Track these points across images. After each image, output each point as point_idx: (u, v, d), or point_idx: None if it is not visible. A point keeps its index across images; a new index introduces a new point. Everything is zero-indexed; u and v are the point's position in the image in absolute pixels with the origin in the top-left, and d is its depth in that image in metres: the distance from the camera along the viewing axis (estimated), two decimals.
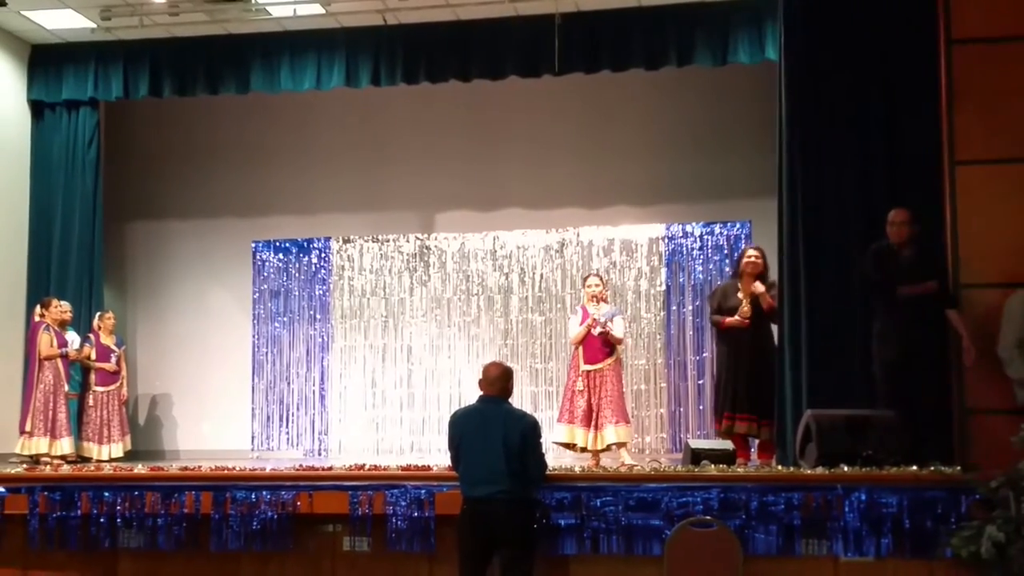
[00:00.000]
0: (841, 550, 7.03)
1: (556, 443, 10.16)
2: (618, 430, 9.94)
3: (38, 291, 12.50)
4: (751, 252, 9.93)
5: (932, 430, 8.01)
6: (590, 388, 10.01)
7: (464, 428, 7.10)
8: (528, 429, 7.01)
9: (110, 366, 12.35)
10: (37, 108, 13.10)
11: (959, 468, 7.31)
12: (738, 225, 13.07)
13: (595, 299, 10.29)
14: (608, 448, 10.01)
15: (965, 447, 7.92)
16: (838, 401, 8.25)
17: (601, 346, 10.08)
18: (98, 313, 12.55)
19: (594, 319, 10.10)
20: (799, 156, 9.11)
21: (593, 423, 9.96)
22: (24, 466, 10.43)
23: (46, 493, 7.94)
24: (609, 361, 10.09)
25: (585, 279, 10.69)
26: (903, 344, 8.03)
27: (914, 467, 7.30)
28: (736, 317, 9.64)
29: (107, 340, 12.41)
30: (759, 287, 9.64)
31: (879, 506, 7.01)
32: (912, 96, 8.89)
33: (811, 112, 9.14)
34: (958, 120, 8.41)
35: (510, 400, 7.25)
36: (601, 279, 10.76)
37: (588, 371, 10.04)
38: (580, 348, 10.16)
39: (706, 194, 13.04)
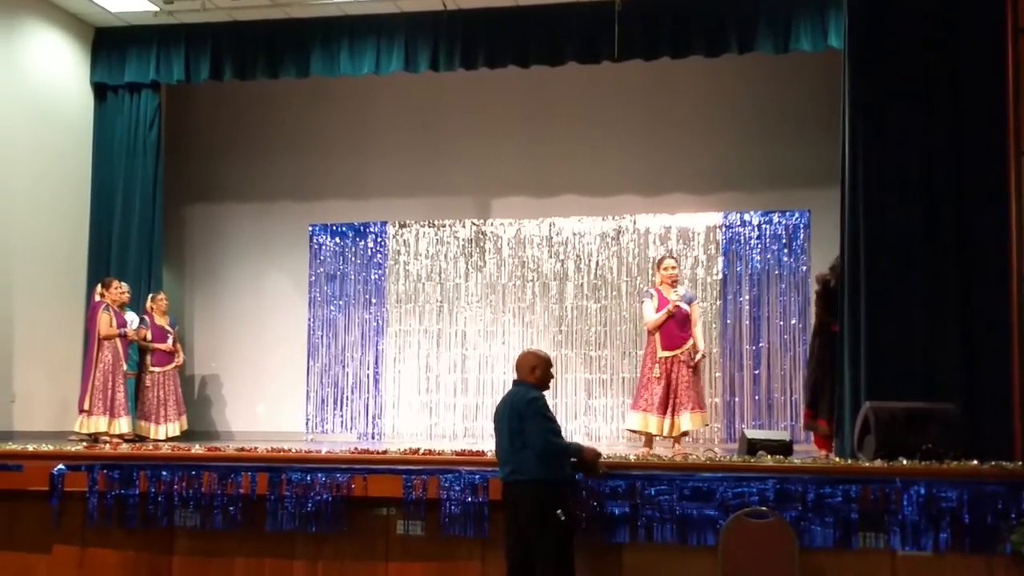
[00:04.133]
0: (899, 544, 6.93)
1: (630, 431, 10.07)
2: (693, 417, 9.85)
3: (99, 272, 12.66)
4: None
5: (993, 424, 7.91)
6: (667, 374, 9.85)
7: (496, 414, 7.15)
8: (523, 404, 6.89)
9: (167, 346, 12.47)
10: (100, 90, 13.27)
11: (1020, 463, 7.21)
12: (797, 214, 12.96)
13: (671, 282, 10.09)
14: (685, 434, 9.94)
15: None
16: (898, 394, 8.16)
17: (678, 331, 9.92)
18: (151, 295, 12.67)
19: (675, 303, 9.94)
20: (862, 146, 8.98)
21: (670, 409, 9.82)
22: (84, 444, 10.55)
23: (105, 471, 8.01)
24: (686, 347, 9.94)
25: (660, 262, 10.39)
26: None
27: (974, 461, 7.20)
28: None
29: (161, 321, 12.53)
30: None
31: (938, 500, 6.89)
32: (978, 86, 8.73)
33: (875, 102, 9.00)
34: None
35: (543, 387, 7.07)
36: (676, 261, 10.61)
37: (665, 357, 9.88)
38: (657, 334, 9.96)
39: (765, 182, 12.96)
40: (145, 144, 13.19)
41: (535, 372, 7.05)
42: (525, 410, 6.87)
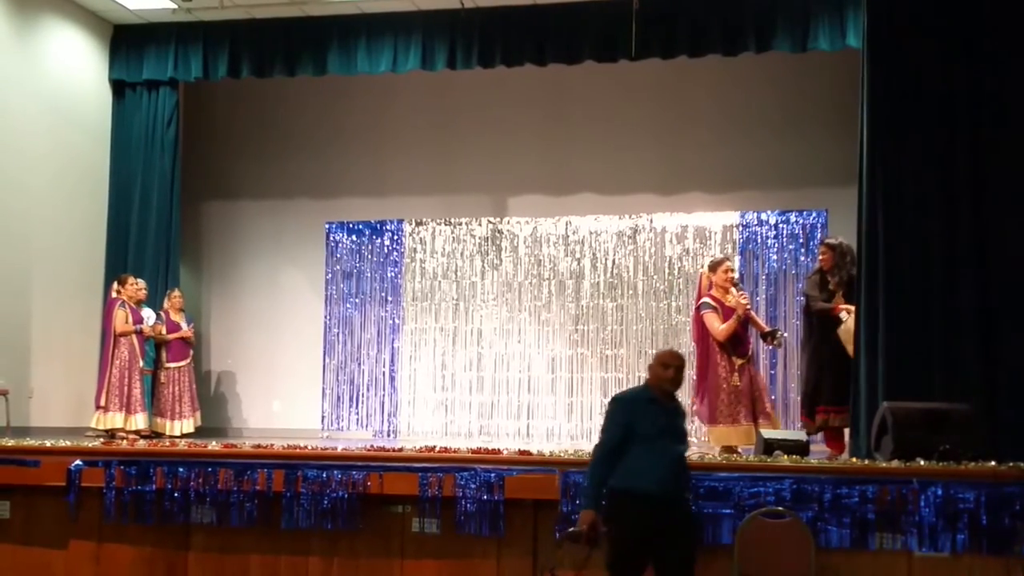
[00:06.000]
0: (915, 545, 6.88)
1: (728, 447, 9.24)
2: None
3: (116, 268, 12.70)
4: (821, 247, 9.81)
5: (1011, 425, 7.87)
6: (750, 381, 9.41)
7: None
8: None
9: (186, 331, 12.45)
10: (118, 87, 13.31)
11: None
12: (814, 214, 12.92)
13: (731, 285, 9.60)
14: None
15: None
16: (915, 394, 8.12)
17: (744, 334, 9.54)
18: (167, 291, 12.70)
19: (745, 307, 9.50)
20: (880, 146, 8.93)
21: (762, 414, 9.35)
22: (100, 440, 10.58)
23: (122, 467, 8.02)
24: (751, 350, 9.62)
25: (718, 264, 9.74)
26: None
27: (992, 462, 7.15)
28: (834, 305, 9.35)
29: (176, 317, 12.55)
30: None
31: (956, 501, 6.84)
32: (999, 84, 8.68)
33: (894, 101, 8.95)
34: None
35: (657, 387, 6.53)
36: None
37: (741, 364, 9.39)
38: (727, 343, 9.39)
39: (782, 181, 12.93)
40: (163, 141, 13.23)
41: (651, 370, 6.58)
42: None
